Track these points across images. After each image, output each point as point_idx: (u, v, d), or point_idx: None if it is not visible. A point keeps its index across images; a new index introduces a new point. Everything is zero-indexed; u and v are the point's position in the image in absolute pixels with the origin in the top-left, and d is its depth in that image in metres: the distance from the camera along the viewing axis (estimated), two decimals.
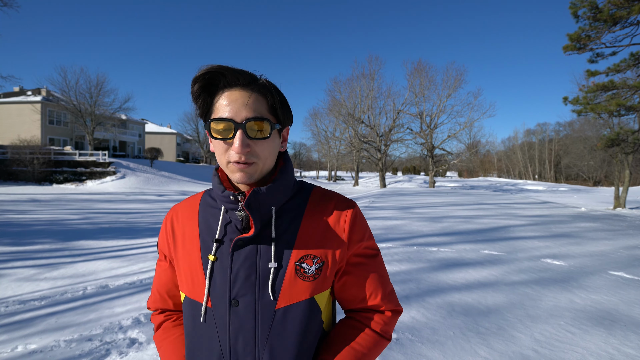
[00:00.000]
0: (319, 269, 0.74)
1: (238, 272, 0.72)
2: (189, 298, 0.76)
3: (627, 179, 16.37)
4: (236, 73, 0.70)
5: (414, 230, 7.89)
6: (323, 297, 0.76)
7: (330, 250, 0.76)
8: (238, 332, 0.71)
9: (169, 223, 0.83)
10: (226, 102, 0.70)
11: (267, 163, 0.73)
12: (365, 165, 70.18)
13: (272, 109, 0.73)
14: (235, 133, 0.69)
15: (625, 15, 10.05)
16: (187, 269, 0.77)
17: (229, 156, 0.71)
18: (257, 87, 0.72)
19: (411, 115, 37.39)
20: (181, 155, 58.13)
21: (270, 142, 0.73)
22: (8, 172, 25.07)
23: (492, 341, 2.72)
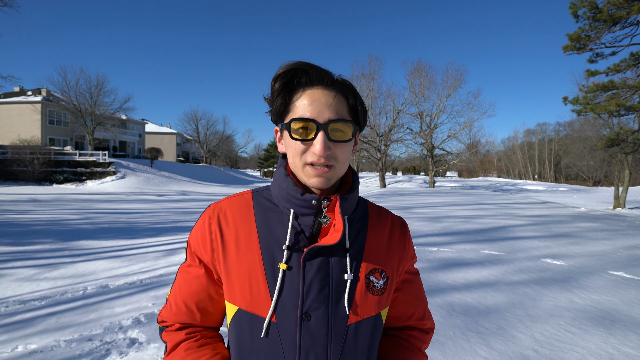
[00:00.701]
0: (385, 283, 0.72)
1: (311, 283, 0.66)
2: (244, 311, 0.68)
3: (627, 179, 16.38)
4: (321, 71, 0.67)
5: (414, 230, 7.89)
6: (385, 313, 0.74)
7: (393, 265, 0.75)
8: (309, 349, 0.65)
9: (215, 224, 0.73)
10: (308, 102, 0.66)
11: (343, 168, 0.69)
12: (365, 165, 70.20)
13: (353, 111, 0.70)
14: (316, 134, 0.65)
15: (625, 15, 10.06)
16: (245, 278, 0.68)
17: (307, 157, 0.66)
18: (339, 87, 0.68)
19: (411, 115, 37.40)
20: (181, 155, 58.14)
21: (349, 146, 0.69)
22: (8, 172, 25.08)
23: (492, 341, 2.72)
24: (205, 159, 53.59)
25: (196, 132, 52.96)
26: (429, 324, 0.83)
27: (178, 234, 7.88)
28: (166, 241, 7.09)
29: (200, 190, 27.10)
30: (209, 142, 54.08)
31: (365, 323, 0.69)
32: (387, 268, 0.73)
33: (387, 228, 0.77)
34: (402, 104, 37.61)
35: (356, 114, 0.70)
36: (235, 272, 0.69)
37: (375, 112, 39.25)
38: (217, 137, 54.77)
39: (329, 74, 0.68)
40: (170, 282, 4.34)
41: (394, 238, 0.77)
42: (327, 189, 0.71)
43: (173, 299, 0.76)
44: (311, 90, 0.67)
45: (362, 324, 0.69)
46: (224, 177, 40.63)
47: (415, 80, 36.46)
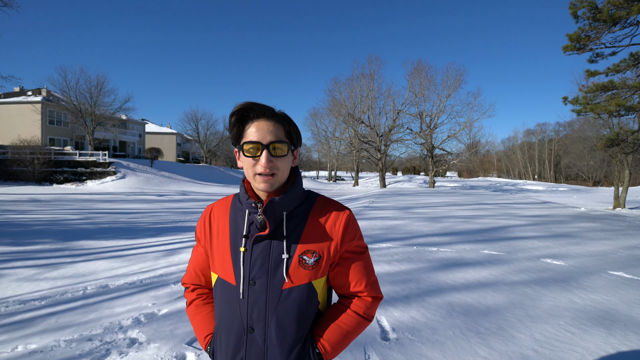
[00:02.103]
0: (316, 261, 0.96)
1: (256, 260, 0.95)
2: (220, 279, 0.99)
3: (627, 179, 16.37)
4: (263, 108, 0.94)
5: (414, 230, 7.89)
6: (319, 283, 0.98)
7: (327, 246, 0.98)
8: (254, 304, 0.95)
9: (207, 218, 1.06)
10: (255, 129, 0.93)
11: (283, 175, 0.96)
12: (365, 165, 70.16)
13: (288, 135, 0.97)
14: (262, 152, 0.92)
15: (625, 15, 10.05)
16: (220, 257, 0.99)
17: (256, 169, 0.93)
18: (277, 118, 0.96)
19: (411, 115, 37.40)
20: (181, 155, 58.11)
21: (287, 159, 0.96)
22: (8, 172, 25.07)
23: (492, 341, 2.73)
24: (205, 159, 53.57)
25: (196, 132, 52.95)
26: (371, 292, 1.04)
27: (178, 234, 7.88)
28: (166, 241, 7.09)
29: (200, 190, 27.09)
30: (209, 142, 54.07)
31: (298, 289, 0.95)
32: (319, 249, 0.97)
33: (325, 218, 1.00)
34: (402, 104, 37.62)
35: (291, 137, 0.98)
36: (215, 252, 1.01)
37: (375, 112, 39.24)
38: (217, 137, 54.76)
39: (269, 109, 0.95)
40: (170, 282, 4.35)
41: (331, 226, 0.99)
42: (274, 191, 0.97)
43: (190, 268, 1.12)
44: (257, 122, 0.94)
45: (294, 289, 0.95)
46: (224, 177, 40.61)
47: (415, 80, 36.48)
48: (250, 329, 0.95)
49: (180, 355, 2.52)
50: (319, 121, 54.04)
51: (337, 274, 1.02)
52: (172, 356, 2.51)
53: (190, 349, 2.60)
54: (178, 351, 2.57)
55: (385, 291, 3.86)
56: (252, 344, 0.95)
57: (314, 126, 55.41)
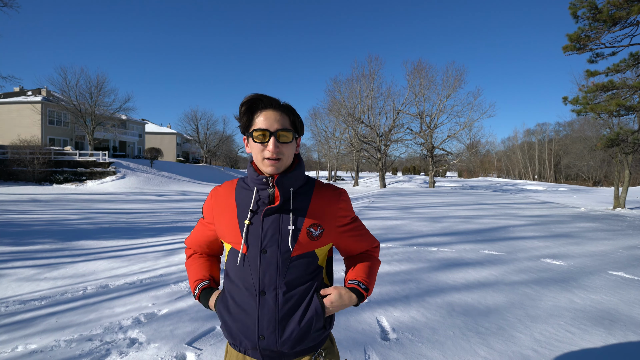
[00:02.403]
0: (320, 233, 1.11)
1: (267, 231, 1.07)
2: (233, 248, 1.12)
3: (627, 179, 16.37)
4: (270, 99, 1.07)
5: (414, 230, 7.89)
6: (321, 251, 1.15)
7: (328, 221, 1.13)
8: (265, 270, 1.06)
9: (214, 197, 1.19)
10: (263, 118, 1.05)
11: (288, 160, 1.09)
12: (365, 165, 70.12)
13: (293, 124, 1.10)
14: (269, 138, 1.04)
15: (625, 15, 10.05)
16: (229, 230, 1.12)
17: (264, 154, 1.05)
18: (283, 108, 1.08)
19: (411, 115, 37.38)
20: (181, 155, 58.09)
21: (292, 145, 1.09)
22: (8, 172, 25.06)
23: (492, 341, 2.73)
24: (205, 159, 53.56)
25: (196, 132, 52.93)
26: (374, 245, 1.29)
27: (178, 234, 7.88)
28: (166, 241, 7.09)
29: (200, 190, 27.09)
30: (209, 142, 54.06)
31: (304, 256, 1.10)
32: (323, 223, 1.12)
33: (327, 197, 1.15)
34: (402, 104, 37.60)
35: (295, 126, 1.11)
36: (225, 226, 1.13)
37: (375, 112, 39.23)
38: (217, 137, 54.74)
39: (276, 100, 1.08)
40: (170, 282, 4.34)
41: (332, 203, 1.15)
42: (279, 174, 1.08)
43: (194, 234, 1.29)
44: (265, 111, 1.06)
45: (302, 256, 1.09)
46: (224, 177, 40.61)
47: (415, 80, 36.46)
48: (262, 292, 1.07)
49: (180, 355, 2.52)
50: (319, 121, 54.01)
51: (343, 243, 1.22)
52: (172, 356, 2.51)
53: (190, 349, 2.60)
54: (178, 351, 2.57)
55: (386, 291, 3.86)
56: (264, 305, 1.07)
57: (314, 126, 55.35)
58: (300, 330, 1.07)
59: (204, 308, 3.39)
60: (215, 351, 2.55)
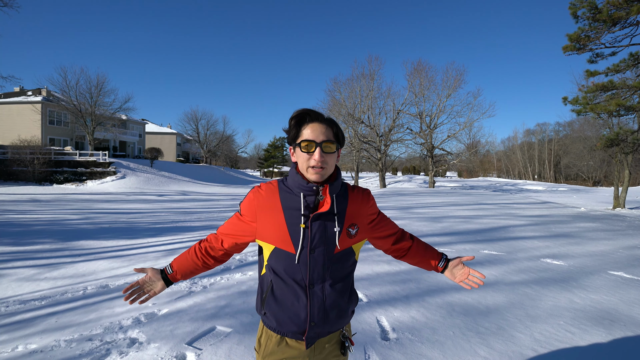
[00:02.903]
0: (356, 232, 1.27)
1: (316, 234, 1.20)
2: (278, 248, 1.22)
3: (627, 179, 16.37)
4: (317, 113, 1.21)
5: (414, 230, 7.89)
6: (357, 246, 1.32)
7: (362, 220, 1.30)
8: (314, 267, 1.21)
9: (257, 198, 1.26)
10: (310, 131, 1.18)
11: (331, 169, 1.21)
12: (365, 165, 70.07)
13: (335, 136, 1.21)
14: (315, 149, 1.16)
15: (625, 15, 10.05)
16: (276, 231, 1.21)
17: (310, 163, 1.16)
18: (327, 122, 1.21)
19: (411, 115, 37.35)
20: (181, 155, 58.08)
21: (334, 156, 1.20)
22: (8, 172, 25.06)
23: (492, 341, 2.73)
24: (205, 159, 53.55)
25: (196, 132, 52.92)
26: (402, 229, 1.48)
27: (178, 234, 7.88)
28: (166, 241, 7.09)
29: (200, 190, 27.09)
30: (209, 142, 54.04)
31: (344, 251, 1.25)
32: (358, 222, 1.28)
33: (359, 200, 1.30)
34: (402, 104, 37.56)
35: (338, 138, 1.22)
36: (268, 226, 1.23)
37: (375, 112, 39.22)
38: (217, 137, 54.73)
39: (322, 115, 1.21)
40: None
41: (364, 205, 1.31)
42: (322, 181, 1.21)
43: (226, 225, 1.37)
44: (312, 124, 1.19)
45: (342, 252, 1.25)
46: (224, 177, 40.61)
47: (415, 80, 36.42)
48: (311, 285, 1.21)
49: (180, 355, 2.52)
50: None
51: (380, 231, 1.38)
52: (172, 356, 2.51)
53: (190, 349, 2.60)
54: (178, 351, 2.57)
55: (386, 291, 3.86)
56: (314, 296, 1.21)
57: None
58: (341, 315, 1.27)
59: (204, 308, 3.41)
60: (215, 351, 2.55)
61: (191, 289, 4.03)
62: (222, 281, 4.30)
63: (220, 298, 3.68)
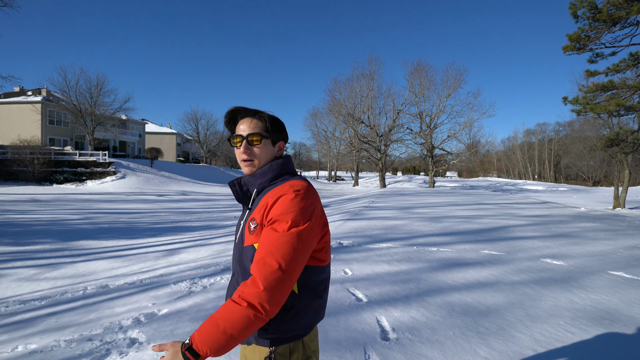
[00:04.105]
0: (255, 227, 1.10)
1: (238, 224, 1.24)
2: None
3: (627, 179, 16.37)
4: (246, 110, 1.22)
5: (414, 230, 7.89)
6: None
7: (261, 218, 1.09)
8: (233, 255, 1.22)
9: None
10: (240, 126, 1.20)
11: (261, 162, 1.20)
12: (365, 165, 70.08)
13: (265, 129, 1.21)
14: (242, 142, 1.18)
15: (625, 15, 10.05)
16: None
17: (239, 157, 1.20)
18: (258, 116, 1.21)
19: (411, 115, 37.38)
20: (181, 155, 58.07)
21: (263, 148, 1.19)
22: (8, 172, 25.06)
23: (492, 341, 2.73)
24: (205, 159, 53.53)
25: (196, 132, 52.90)
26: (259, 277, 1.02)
27: (178, 234, 7.88)
28: (166, 241, 7.08)
29: (200, 190, 27.08)
30: (209, 142, 54.02)
31: (248, 248, 1.12)
32: (258, 218, 1.10)
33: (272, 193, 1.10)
34: (402, 104, 37.60)
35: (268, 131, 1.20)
36: None
37: (375, 112, 39.23)
38: (217, 137, 54.71)
39: (252, 110, 1.22)
40: (170, 282, 4.34)
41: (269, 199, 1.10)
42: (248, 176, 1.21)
43: None
44: (242, 120, 1.21)
45: (247, 248, 1.13)
46: (224, 177, 40.61)
47: (415, 80, 36.46)
48: (233, 273, 1.24)
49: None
50: (319, 121, 54.02)
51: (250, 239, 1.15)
52: None
53: None
54: None
55: (386, 291, 3.86)
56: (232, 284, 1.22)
57: (314, 126, 55.33)
58: None
59: (204, 308, 3.40)
60: None
61: (191, 289, 4.03)
62: (222, 281, 4.30)
63: (220, 298, 3.68)
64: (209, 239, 7.30)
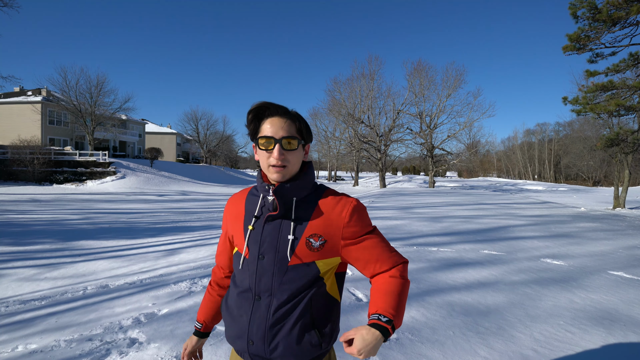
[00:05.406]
0: (322, 244, 1.05)
1: (266, 237, 1.07)
2: (237, 251, 1.15)
3: (627, 179, 16.37)
4: (276, 107, 1.06)
5: (414, 230, 7.89)
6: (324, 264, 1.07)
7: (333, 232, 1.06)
8: (262, 275, 1.06)
9: (229, 204, 1.22)
10: (269, 126, 1.05)
11: (294, 168, 1.07)
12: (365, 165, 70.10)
13: (299, 131, 1.08)
14: (274, 146, 1.03)
15: (624, 15, 10.06)
16: (237, 234, 1.14)
17: (270, 161, 1.04)
18: (289, 116, 1.07)
19: (411, 115, 37.39)
20: (181, 155, 58.08)
21: (297, 153, 1.07)
22: (8, 172, 25.06)
23: (492, 341, 2.73)
24: (205, 159, 53.53)
25: (196, 132, 52.91)
26: (397, 263, 1.10)
27: (178, 234, 7.88)
28: (166, 241, 7.09)
29: (200, 190, 27.08)
30: (209, 142, 54.04)
31: (302, 266, 1.05)
32: (326, 235, 1.05)
33: (333, 206, 1.08)
34: (402, 104, 37.60)
35: (301, 133, 1.09)
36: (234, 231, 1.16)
37: (375, 112, 39.22)
38: (217, 137, 54.73)
39: (282, 108, 1.07)
40: (170, 281, 4.34)
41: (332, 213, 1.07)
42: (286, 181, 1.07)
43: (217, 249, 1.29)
44: (271, 119, 1.05)
45: (299, 266, 1.04)
46: (224, 177, 40.61)
47: (415, 80, 36.46)
48: (257, 297, 1.07)
49: (180, 355, 2.52)
50: (319, 121, 54.00)
51: (360, 260, 1.09)
52: (172, 356, 2.51)
53: None
54: (178, 351, 2.57)
55: None
56: (257, 310, 1.06)
57: (314, 126, 55.24)
58: (289, 342, 1.02)
59: None
60: (215, 351, 2.55)
61: (191, 289, 4.03)
62: None
63: None
64: (209, 239, 7.30)
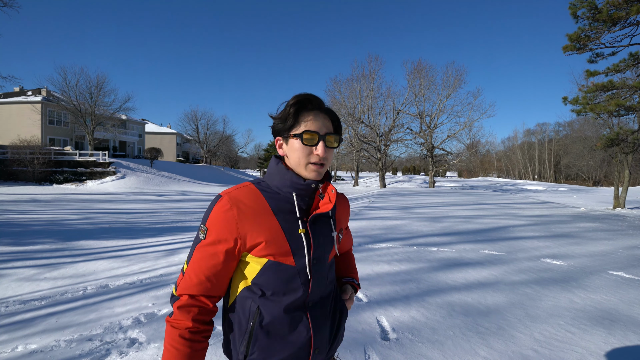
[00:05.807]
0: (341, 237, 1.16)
1: (318, 238, 1.01)
2: (272, 261, 0.96)
3: (627, 179, 16.36)
4: (319, 101, 1.01)
5: (414, 230, 7.89)
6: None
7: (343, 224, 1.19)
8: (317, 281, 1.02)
9: (235, 209, 0.94)
10: (313, 120, 0.98)
11: (328, 167, 1.03)
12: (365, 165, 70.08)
13: (336, 129, 1.04)
14: (318, 142, 0.96)
15: (624, 15, 10.06)
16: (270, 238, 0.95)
17: (311, 158, 0.97)
18: (329, 112, 1.02)
19: (411, 115, 37.35)
20: (181, 155, 58.08)
21: (333, 152, 1.02)
22: (8, 172, 25.06)
23: (492, 341, 2.73)
24: (205, 159, 53.54)
25: (196, 132, 52.91)
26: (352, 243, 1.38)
27: (178, 234, 7.88)
28: (166, 241, 7.09)
29: (200, 190, 27.08)
30: (209, 142, 54.04)
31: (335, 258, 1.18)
32: (342, 226, 1.17)
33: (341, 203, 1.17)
34: (402, 104, 37.57)
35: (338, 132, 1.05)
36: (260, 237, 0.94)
37: (375, 112, 39.21)
38: (217, 137, 54.73)
39: (324, 103, 1.02)
40: (170, 281, 4.33)
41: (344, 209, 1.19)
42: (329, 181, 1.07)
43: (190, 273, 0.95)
44: (315, 112, 0.98)
45: (333, 259, 1.13)
46: (224, 177, 40.61)
47: (415, 80, 36.41)
48: (311, 303, 1.02)
49: None
50: None
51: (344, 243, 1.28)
52: None
53: None
54: None
55: (386, 291, 3.86)
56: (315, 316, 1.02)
57: None
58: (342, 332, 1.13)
59: None
60: (215, 351, 2.55)
61: None
62: None
63: None
64: None
